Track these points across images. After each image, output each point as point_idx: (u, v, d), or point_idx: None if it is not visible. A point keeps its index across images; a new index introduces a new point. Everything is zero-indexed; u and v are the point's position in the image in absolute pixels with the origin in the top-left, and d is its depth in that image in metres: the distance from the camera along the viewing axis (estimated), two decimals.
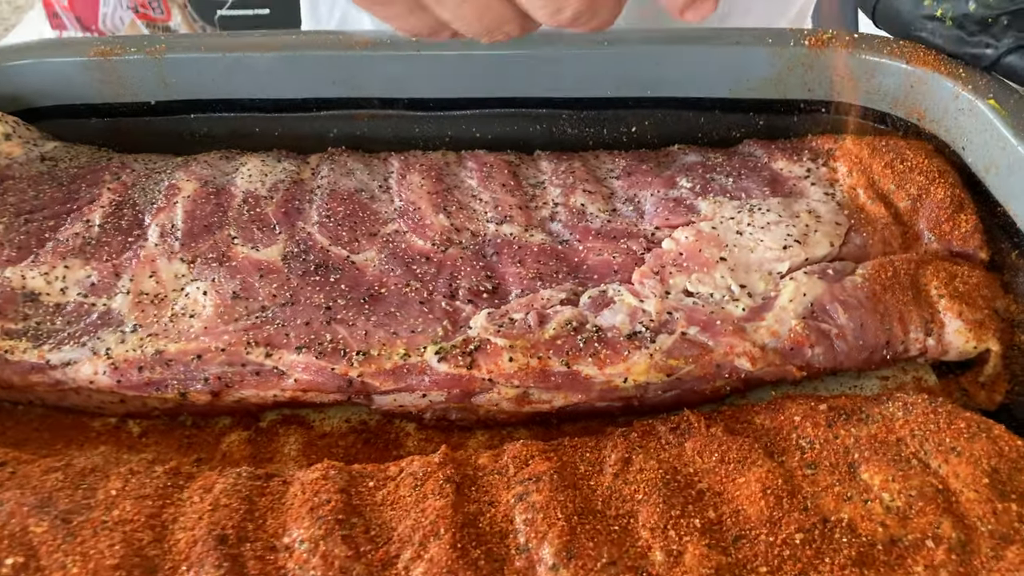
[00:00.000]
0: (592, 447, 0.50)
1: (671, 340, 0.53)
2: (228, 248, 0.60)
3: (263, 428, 0.56)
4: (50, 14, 2.49)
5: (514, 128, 0.73)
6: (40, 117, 0.74)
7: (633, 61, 0.70)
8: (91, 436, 0.56)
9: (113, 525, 0.45)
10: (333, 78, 0.72)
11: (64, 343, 0.54)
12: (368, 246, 0.61)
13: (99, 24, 2.26)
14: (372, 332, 0.55)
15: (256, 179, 0.66)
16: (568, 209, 0.63)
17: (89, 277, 0.58)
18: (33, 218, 0.62)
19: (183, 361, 0.54)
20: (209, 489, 0.48)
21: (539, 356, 0.53)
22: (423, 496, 0.47)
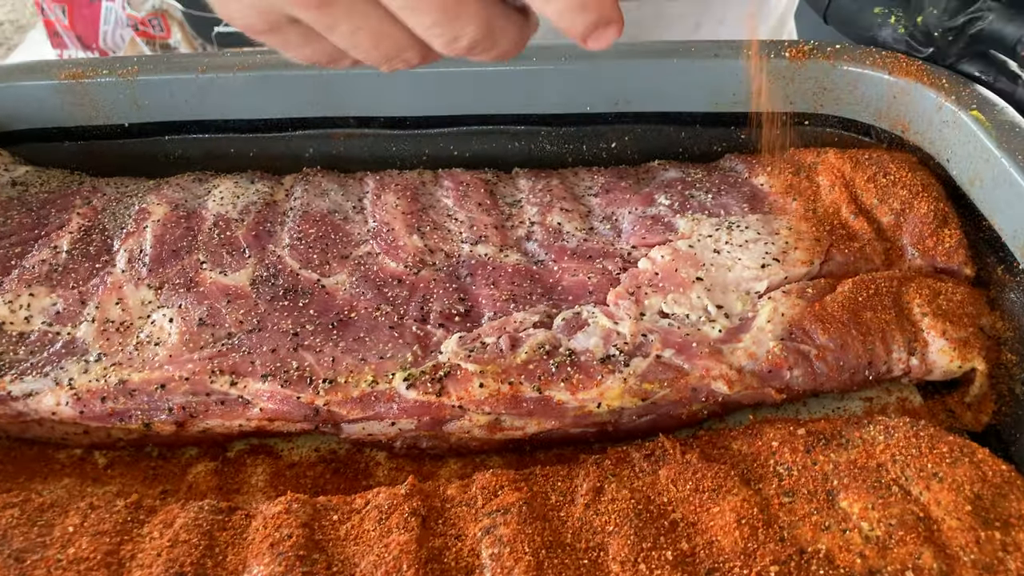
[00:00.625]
0: (564, 476, 0.49)
1: (645, 363, 0.52)
2: (196, 273, 0.59)
3: (230, 458, 0.55)
4: (51, 33, 2.50)
5: (492, 145, 0.72)
6: (12, 141, 0.73)
7: (612, 76, 0.68)
8: (56, 468, 0.55)
9: (67, 564, 0.44)
10: (308, 97, 0.71)
11: (26, 373, 0.53)
12: (339, 269, 0.60)
13: (99, 42, 2.27)
14: (340, 358, 0.53)
15: (228, 201, 0.65)
16: (544, 228, 0.62)
17: (55, 305, 0.57)
18: (0, 245, 0.61)
19: (147, 391, 0.52)
20: (170, 524, 0.47)
21: (510, 382, 0.51)
22: (387, 530, 0.45)
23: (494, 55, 0.45)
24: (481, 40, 0.43)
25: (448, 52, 0.44)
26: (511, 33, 0.44)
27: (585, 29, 0.42)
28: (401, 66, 0.46)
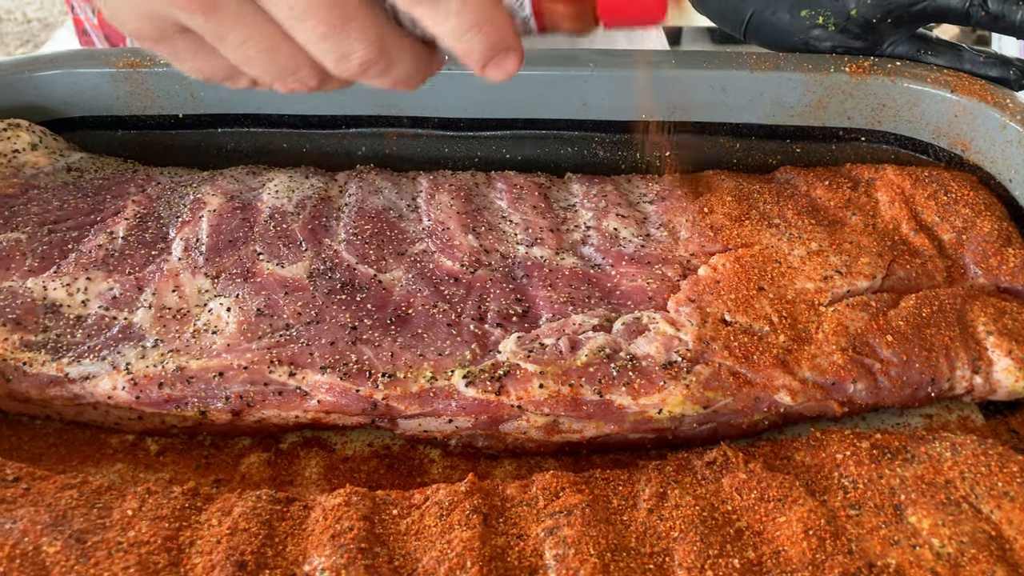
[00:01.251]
0: (625, 480, 0.48)
1: (708, 371, 0.51)
2: (253, 264, 0.59)
3: (283, 450, 0.55)
4: (79, 31, 2.50)
5: (545, 150, 0.72)
6: (67, 128, 0.73)
7: (669, 85, 0.68)
8: (108, 453, 0.54)
9: (128, 547, 0.44)
10: (364, 95, 0.71)
11: (84, 356, 0.53)
12: (395, 266, 0.59)
13: (128, 42, 2.29)
14: (398, 354, 0.53)
15: (283, 195, 0.65)
16: (600, 233, 0.61)
17: (111, 290, 0.57)
18: (56, 228, 0.61)
19: (204, 378, 0.52)
20: (228, 512, 0.46)
21: (571, 384, 0.51)
22: (449, 527, 0.45)
23: (391, 80, 0.44)
24: (373, 61, 0.41)
25: (340, 72, 0.42)
26: (408, 59, 0.43)
27: (483, 55, 0.41)
28: (299, 88, 0.45)
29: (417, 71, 0.44)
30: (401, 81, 0.44)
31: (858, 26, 0.60)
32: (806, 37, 0.62)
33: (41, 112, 0.72)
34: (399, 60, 0.42)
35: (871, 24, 0.59)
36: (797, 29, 0.62)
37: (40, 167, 0.66)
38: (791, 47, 0.65)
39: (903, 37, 0.61)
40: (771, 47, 0.66)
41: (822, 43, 0.63)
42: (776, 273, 0.56)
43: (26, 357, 0.53)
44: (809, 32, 0.62)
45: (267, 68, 0.43)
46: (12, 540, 0.43)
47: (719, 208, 0.62)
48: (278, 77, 0.44)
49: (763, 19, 0.64)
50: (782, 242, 0.59)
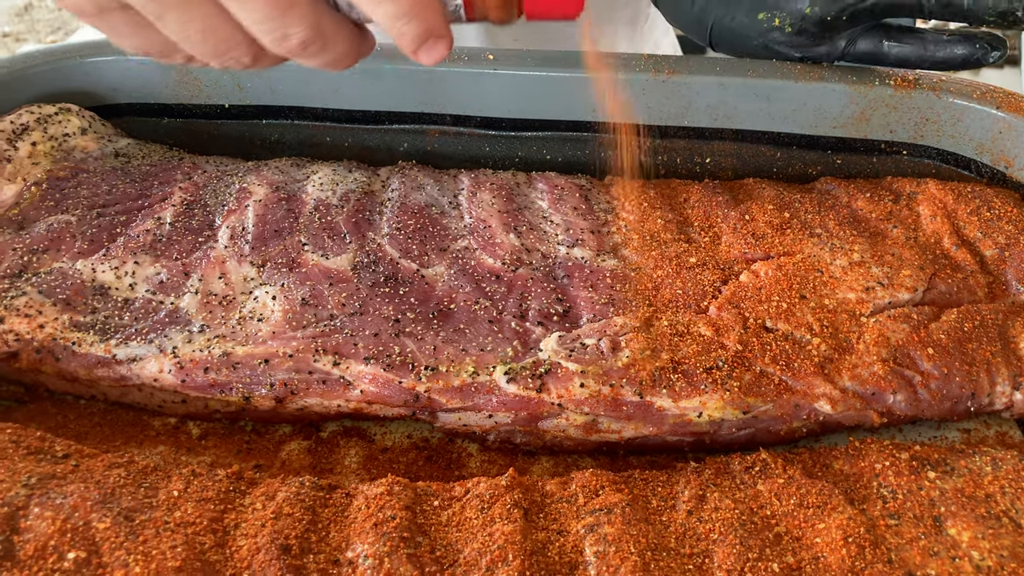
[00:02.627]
0: (663, 482, 0.49)
1: (749, 376, 0.51)
2: (298, 254, 0.59)
3: (323, 438, 0.55)
4: None
5: (585, 152, 0.73)
6: (114, 114, 0.74)
7: (712, 91, 0.69)
8: (150, 435, 0.55)
9: (175, 527, 0.44)
10: (408, 92, 0.72)
11: (131, 339, 0.54)
12: (438, 261, 0.60)
13: None
14: (441, 348, 0.54)
15: (327, 187, 0.65)
16: (641, 236, 0.62)
17: (158, 274, 0.58)
18: (105, 212, 0.62)
19: (250, 365, 0.53)
20: (272, 497, 0.47)
21: (611, 384, 0.51)
22: (490, 519, 0.45)
23: (325, 60, 0.45)
24: (310, 41, 0.43)
25: (278, 50, 0.44)
26: (343, 41, 0.44)
27: (413, 39, 0.43)
28: (233, 64, 0.46)
29: (349, 52, 0.46)
30: (334, 62, 0.46)
31: (814, 25, 0.59)
32: (765, 40, 0.62)
33: (90, 98, 0.73)
34: (334, 41, 0.44)
35: (826, 22, 0.59)
36: (755, 33, 0.62)
37: (89, 151, 0.67)
38: (752, 52, 0.65)
39: (861, 32, 0.60)
40: (734, 53, 0.66)
41: (780, 46, 0.62)
42: (818, 282, 0.56)
43: (75, 337, 0.54)
44: (768, 35, 0.61)
45: (204, 46, 0.44)
46: (63, 515, 0.44)
47: (760, 216, 0.63)
48: (214, 55, 0.45)
49: (723, 26, 0.64)
50: (824, 251, 0.59)
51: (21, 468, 0.47)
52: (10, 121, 0.66)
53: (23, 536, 0.43)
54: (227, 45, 0.44)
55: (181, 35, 0.43)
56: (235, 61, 0.46)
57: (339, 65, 0.46)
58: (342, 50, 0.45)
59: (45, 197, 0.62)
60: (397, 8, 0.42)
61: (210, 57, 0.45)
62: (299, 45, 0.43)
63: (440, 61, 0.44)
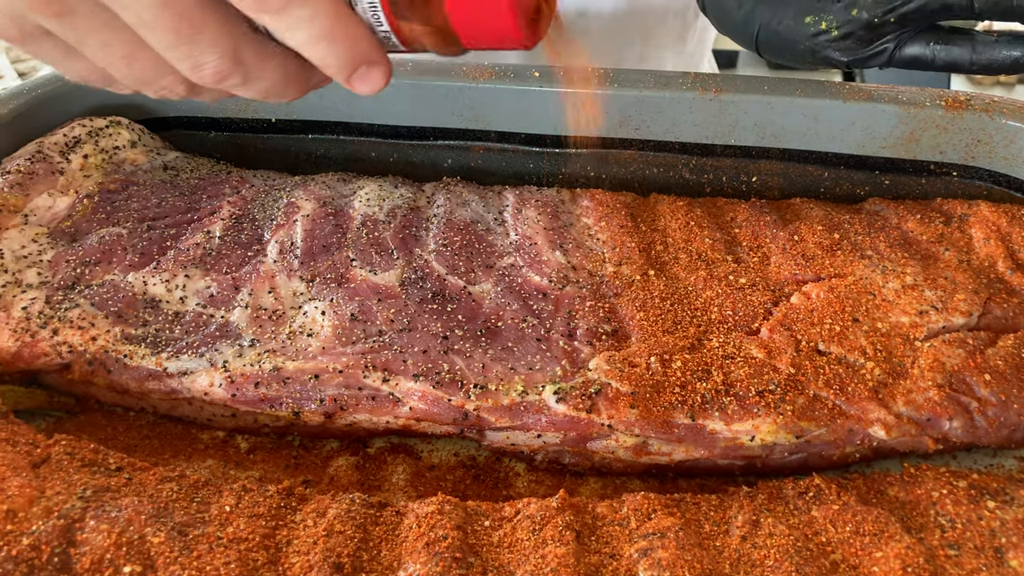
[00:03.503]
0: (716, 506, 0.48)
1: (803, 400, 0.51)
2: (347, 270, 0.60)
3: (371, 455, 0.55)
4: None
5: (630, 169, 0.73)
6: (162, 127, 0.75)
7: (760, 110, 0.68)
8: (199, 448, 0.55)
9: (228, 542, 0.44)
10: (453, 108, 0.72)
11: (182, 352, 0.54)
12: (484, 278, 0.60)
13: None
14: (489, 366, 0.53)
15: (374, 203, 0.66)
16: (689, 255, 0.61)
17: (209, 288, 0.58)
18: (155, 225, 0.62)
19: (300, 380, 0.53)
20: (322, 513, 0.47)
21: (663, 406, 0.51)
22: (542, 541, 0.45)
23: (256, 92, 0.43)
24: (228, 72, 0.41)
25: (200, 81, 0.41)
26: (273, 70, 0.42)
27: (340, 67, 0.40)
28: (169, 95, 0.44)
29: (287, 83, 0.43)
30: (270, 93, 0.43)
31: (861, 28, 0.58)
32: (812, 44, 0.61)
33: (139, 110, 0.74)
34: (261, 71, 0.42)
35: (873, 25, 0.58)
36: (802, 37, 0.61)
37: (139, 164, 0.68)
38: (798, 56, 0.64)
39: (910, 36, 0.58)
40: (780, 59, 0.65)
41: (827, 50, 0.61)
42: (871, 305, 0.56)
43: (127, 349, 0.54)
44: (814, 39, 0.60)
45: (131, 74, 0.43)
46: (119, 528, 0.44)
47: (810, 236, 0.62)
48: (143, 83, 0.44)
49: (770, 30, 0.63)
50: (876, 274, 0.58)
51: (76, 480, 0.47)
52: (63, 134, 0.67)
53: (79, 549, 0.43)
54: (153, 73, 0.43)
55: (106, 62, 0.42)
56: (169, 91, 0.44)
57: (280, 96, 0.44)
58: (274, 80, 0.42)
59: (97, 209, 0.63)
60: (313, 34, 0.39)
61: (142, 86, 0.44)
62: (214, 75, 0.41)
63: (379, 89, 0.42)
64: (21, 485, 0.46)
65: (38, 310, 0.55)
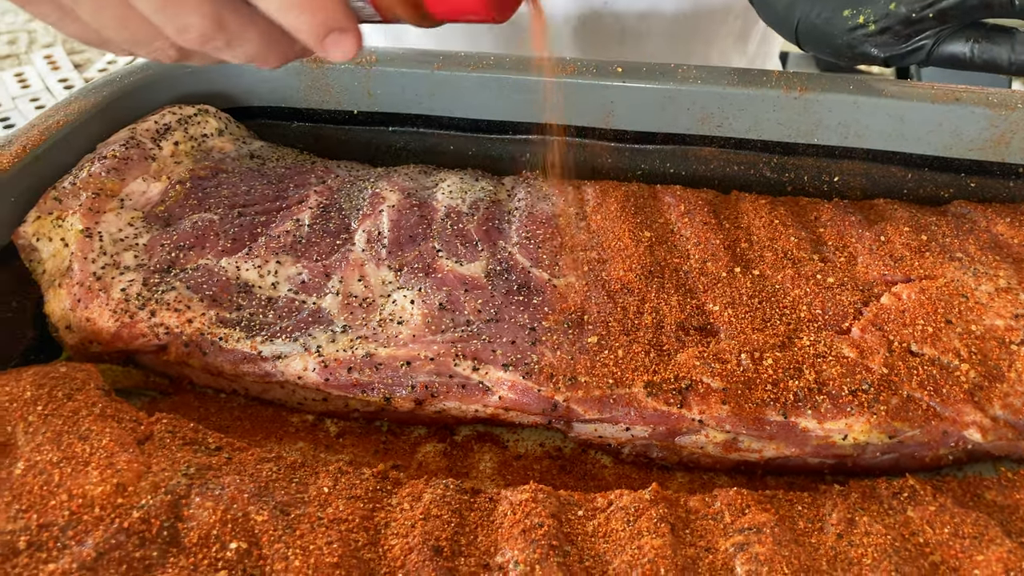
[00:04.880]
0: (809, 503, 0.48)
1: (896, 401, 0.50)
2: (433, 260, 0.60)
3: (458, 442, 0.56)
4: None
5: (710, 166, 0.72)
6: (246, 116, 0.76)
7: (843, 109, 0.68)
8: (289, 431, 0.56)
9: (328, 523, 0.45)
10: (534, 103, 0.72)
11: (276, 336, 0.55)
12: (568, 271, 0.60)
13: None
14: (578, 358, 0.54)
15: (456, 195, 0.66)
16: (775, 253, 0.61)
17: (300, 275, 0.59)
18: (245, 212, 0.63)
19: (392, 366, 0.54)
20: (418, 497, 0.48)
21: (755, 403, 0.51)
22: (637, 532, 0.45)
23: (239, 56, 0.45)
24: (211, 35, 0.43)
25: (184, 44, 0.44)
26: (255, 37, 0.44)
27: (312, 33, 0.42)
28: (161, 57, 0.47)
29: (268, 48, 0.45)
30: (253, 57, 0.45)
31: (899, 23, 0.57)
32: (849, 39, 0.60)
33: (225, 99, 0.75)
34: (244, 36, 0.44)
35: (911, 20, 0.56)
36: (840, 30, 0.60)
37: (227, 152, 0.69)
38: (836, 50, 0.62)
39: (949, 33, 0.57)
40: (818, 51, 0.64)
41: (864, 44, 0.59)
42: (963, 307, 0.55)
43: (222, 333, 0.55)
44: (852, 33, 0.59)
45: (123, 35, 0.45)
46: (223, 505, 0.45)
47: (896, 237, 0.62)
48: (136, 46, 0.46)
49: (809, 23, 0.62)
50: (967, 276, 0.57)
51: (180, 458, 0.48)
52: (154, 121, 0.68)
53: (187, 524, 0.44)
54: (144, 36, 0.45)
55: (99, 24, 0.44)
56: (161, 53, 0.46)
57: (263, 62, 0.46)
58: (256, 47, 0.45)
59: (188, 195, 0.64)
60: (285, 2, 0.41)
61: (134, 47, 0.46)
62: (199, 38, 0.43)
63: (351, 56, 0.44)
64: (129, 460, 0.47)
65: (136, 292, 0.57)
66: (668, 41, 0.93)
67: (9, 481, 0.46)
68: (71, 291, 0.57)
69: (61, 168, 0.64)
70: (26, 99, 2.39)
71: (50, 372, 0.52)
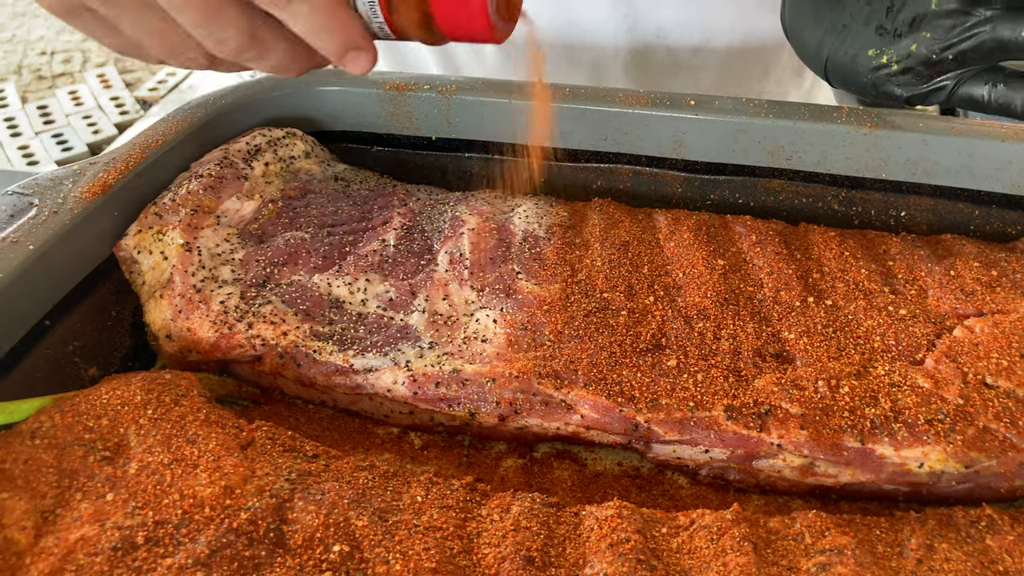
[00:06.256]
0: (886, 528, 0.49)
1: (972, 431, 0.52)
2: (513, 281, 0.63)
3: (537, 458, 0.58)
4: None
5: (778, 198, 0.74)
6: (328, 140, 0.79)
7: (913, 146, 0.69)
8: (376, 442, 0.59)
9: (424, 530, 0.47)
10: (607, 133, 0.75)
11: (367, 350, 0.58)
12: (645, 296, 0.62)
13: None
14: (657, 380, 0.56)
15: (533, 220, 0.69)
16: (846, 284, 0.63)
17: (388, 292, 0.62)
18: (334, 231, 0.66)
19: (478, 382, 0.56)
20: (506, 509, 0.50)
21: (833, 429, 0.52)
22: (721, 550, 0.47)
23: (268, 66, 0.51)
24: (246, 47, 0.48)
25: (220, 54, 0.49)
26: (283, 50, 0.50)
27: (334, 51, 0.49)
28: (192, 65, 0.52)
29: (294, 61, 0.51)
30: (278, 68, 0.51)
31: (920, 64, 0.58)
32: (873, 77, 0.61)
33: (310, 123, 0.78)
34: (274, 48, 0.50)
35: (931, 62, 0.58)
36: (864, 69, 0.62)
37: (313, 174, 0.72)
38: (862, 88, 0.64)
39: (971, 75, 0.58)
40: (846, 88, 0.66)
41: (887, 84, 0.61)
42: None
43: (316, 346, 0.58)
44: (876, 72, 0.61)
45: (160, 47, 0.50)
46: (325, 510, 0.47)
47: (966, 272, 0.63)
48: (171, 55, 0.51)
49: (837, 61, 0.64)
50: None
51: (281, 463, 0.50)
52: (245, 142, 0.72)
53: (291, 526, 0.46)
54: (180, 47, 0.50)
55: (139, 36, 0.49)
56: (193, 62, 0.51)
57: (287, 72, 0.52)
58: (283, 58, 0.50)
59: (280, 214, 0.67)
60: (313, 23, 0.48)
61: (169, 57, 0.51)
62: (236, 49, 0.49)
63: (367, 71, 0.50)
64: (234, 464, 0.49)
65: (234, 304, 0.60)
66: (721, 74, 0.95)
67: (124, 480, 0.49)
68: (172, 302, 0.60)
69: (157, 184, 0.68)
70: (79, 116, 2.47)
71: (156, 378, 0.55)
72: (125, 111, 2.29)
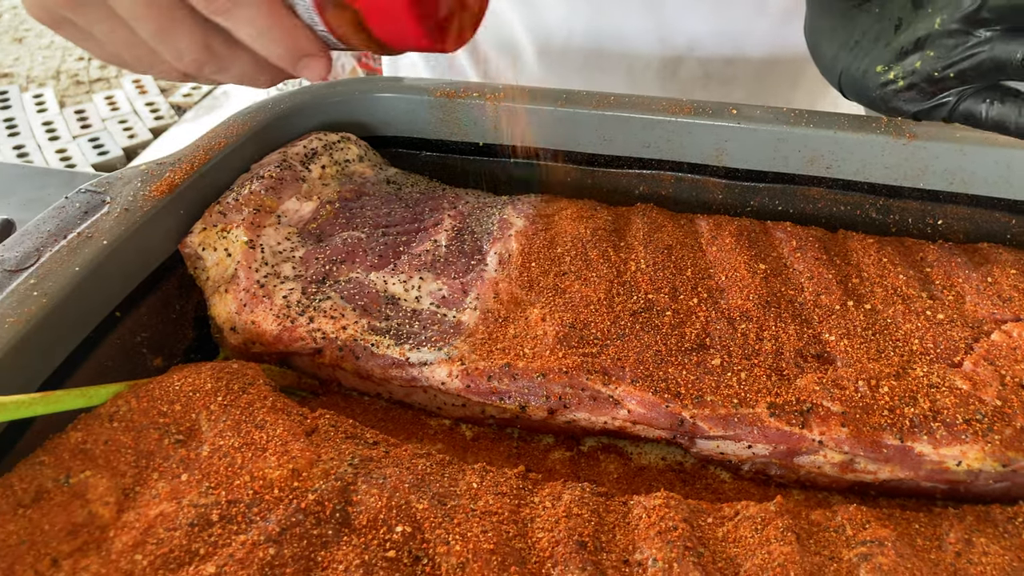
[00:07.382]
0: (925, 523, 0.51)
1: (1010, 431, 0.53)
2: (560, 281, 0.65)
3: (584, 452, 0.60)
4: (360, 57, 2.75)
5: (816, 206, 0.76)
6: (380, 145, 0.82)
7: (950, 157, 0.71)
8: (428, 433, 0.61)
9: (480, 514, 0.50)
10: (650, 140, 0.77)
11: (422, 345, 0.60)
12: (689, 297, 0.64)
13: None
14: (702, 378, 0.58)
15: (577, 223, 0.71)
16: (885, 289, 0.65)
17: (440, 290, 0.64)
18: (388, 232, 0.69)
19: (528, 377, 0.58)
20: (558, 497, 0.52)
21: (873, 427, 0.54)
22: (766, 539, 0.49)
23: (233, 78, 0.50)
24: (204, 60, 0.49)
25: (182, 68, 0.49)
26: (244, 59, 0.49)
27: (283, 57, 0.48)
28: (167, 78, 0.52)
29: (258, 71, 0.51)
30: (245, 79, 0.51)
31: (923, 80, 0.60)
32: (881, 93, 0.63)
33: (363, 128, 0.81)
34: (233, 61, 0.50)
35: (934, 79, 0.59)
36: (873, 84, 0.63)
37: (367, 177, 0.75)
38: (872, 102, 0.65)
39: (971, 92, 0.59)
40: (858, 101, 0.67)
41: (894, 99, 0.62)
42: None
43: (374, 340, 0.61)
44: (884, 88, 0.62)
45: (133, 59, 0.51)
46: (387, 493, 0.50)
47: (1003, 279, 0.64)
48: (147, 68, 0.51)
49: (849, 75, 0.65)
50: None
51: (344, 449, 0.53)
52: (302, 146, 0.75)
53: (356, 508, 0.49)
54: (150, 59, 0.51)
55: (115, 48, 0.50)
56: (167, 75, 0.52)
57: (254, 83, 0.52)
58: (247, 70, 0.51)
59: (337, 215, 0.70)
60: (256, 30, 0.47)
61: (147, 69, 0.52)
62: (193, 62, 0.49)
63: (323, 77, 0.50)
64: (301, 449, 0.52)
65: (296, 299, 0.62)
66: (753, 85, 0.97)
67: (197, 462, 0.51)
68: (237, 296, 0.63)
69: (219, 185, 0.71)
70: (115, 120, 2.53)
71: (225, 367, 0.58)
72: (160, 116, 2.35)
